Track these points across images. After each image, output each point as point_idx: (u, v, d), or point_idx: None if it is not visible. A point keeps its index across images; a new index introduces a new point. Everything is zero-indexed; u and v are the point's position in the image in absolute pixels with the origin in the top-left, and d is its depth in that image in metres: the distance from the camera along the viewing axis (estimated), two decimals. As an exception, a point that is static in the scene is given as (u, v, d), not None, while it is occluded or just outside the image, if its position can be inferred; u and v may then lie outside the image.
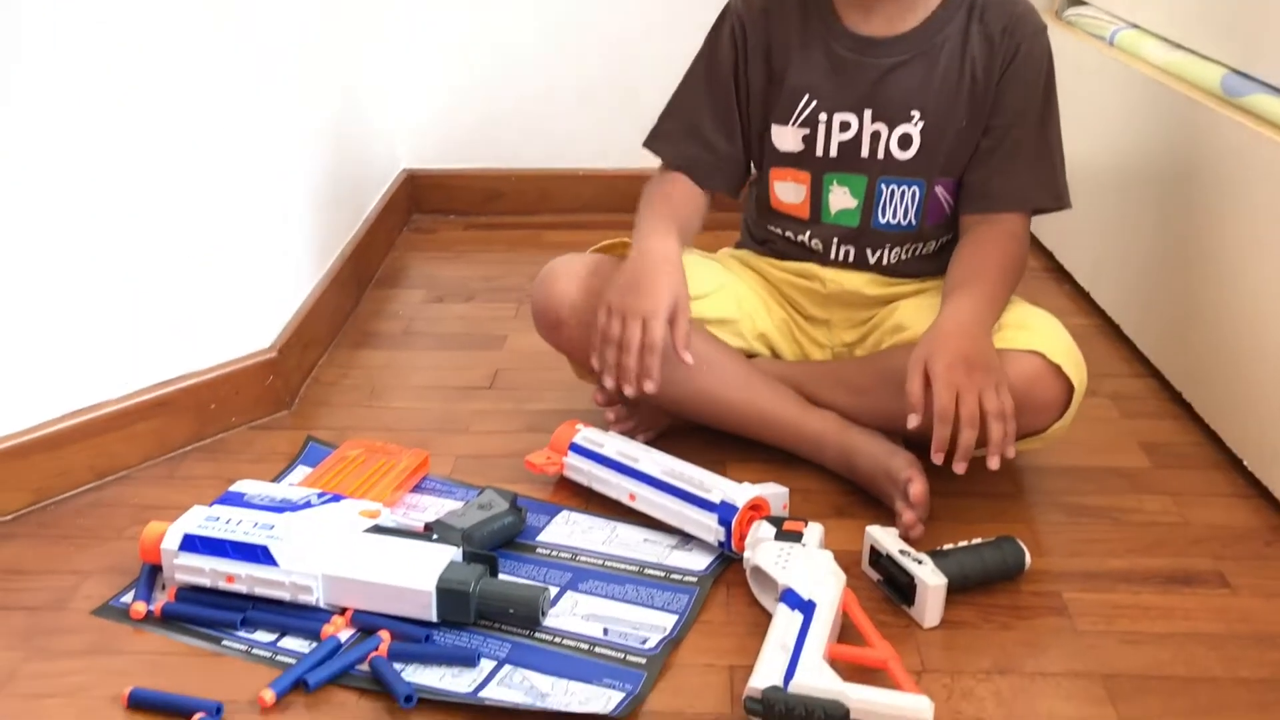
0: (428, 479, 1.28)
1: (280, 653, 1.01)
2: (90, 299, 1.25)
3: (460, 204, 2.16)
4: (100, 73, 1.20)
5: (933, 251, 1.30)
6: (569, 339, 1.28)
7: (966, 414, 1.06)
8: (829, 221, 1.29)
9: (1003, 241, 1.22)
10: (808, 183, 1.28)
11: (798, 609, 0.97)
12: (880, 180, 1.26)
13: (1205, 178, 1.34)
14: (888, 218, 1.27)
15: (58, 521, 1.21)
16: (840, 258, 1.30)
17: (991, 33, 1.21)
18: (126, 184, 1.26)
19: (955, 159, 1.25)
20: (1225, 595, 1.08)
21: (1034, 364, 1.13)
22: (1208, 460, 1.30)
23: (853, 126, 1.24)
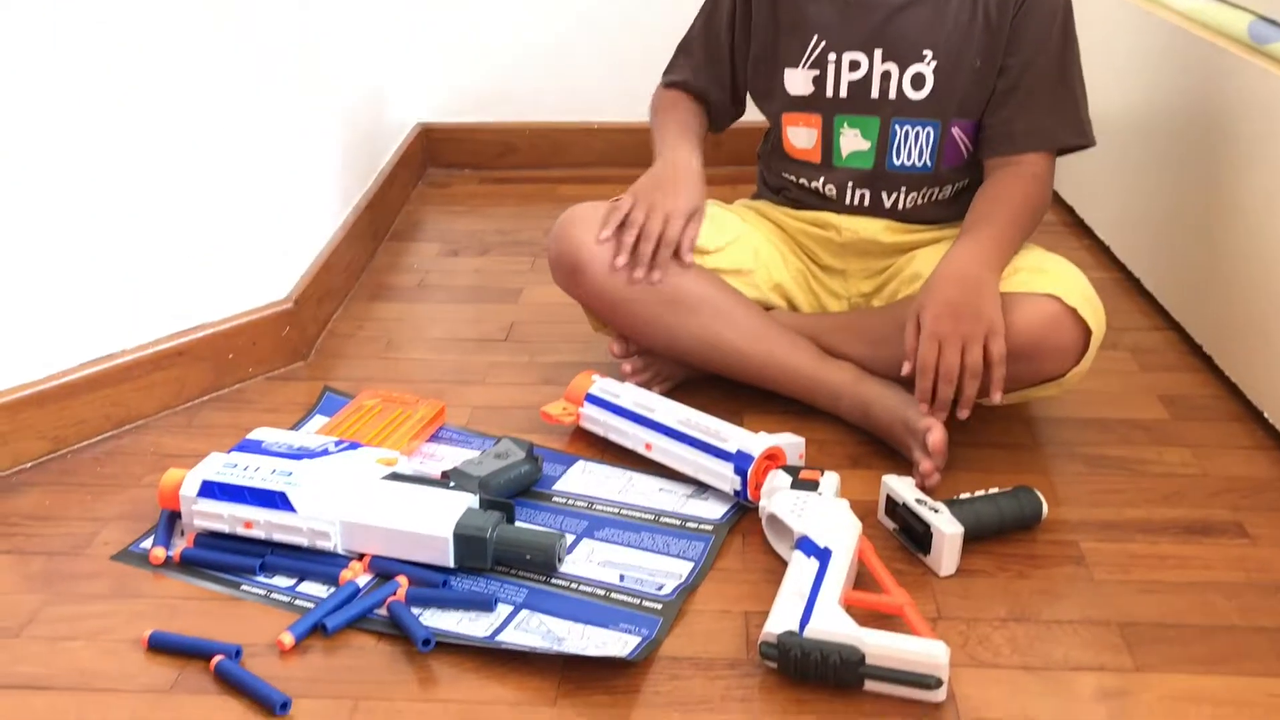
0: (444, 429, 1.28)
1: (299, 597, 1.01)
2: (108, 249, 1.25)
3: (474, 158, 2.15)
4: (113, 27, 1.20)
5: (949, 197, 1.29)
6: (587, 287, 1.27)
7: (945, 368, 1.09)
8: (841, 165, 1.28)
9: (1022, 183, 1.21)
10: (819, 126, 1.28)
11: (813, 556, 0.97)
12: (894, 121, 1.25)
13: (1230, 127, 1.32)
14: (902, 159, 1.26)
15: (76, 469, 1.21)
16: (855, 202, 1.29)
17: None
18: (147, 135, 1.25)
19: (971, 100, 1.23)
20: (1244, 545, 1.07)
21: (1050, 307, 1.12)
22: (1228, 413, 1.30)
23: (862, 66, 1.23)
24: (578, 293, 1.29)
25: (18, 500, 1.16)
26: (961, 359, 1.09)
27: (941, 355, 1.09)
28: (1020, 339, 1.12)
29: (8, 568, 1.06)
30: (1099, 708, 0.88)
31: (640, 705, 0.89)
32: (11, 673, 0.93)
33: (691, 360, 1.29)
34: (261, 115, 1.40)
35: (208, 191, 1.33)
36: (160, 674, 0.93)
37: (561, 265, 1.28)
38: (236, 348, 1.37)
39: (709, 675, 0.92)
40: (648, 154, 1.32)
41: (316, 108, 1.60)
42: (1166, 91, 1.49)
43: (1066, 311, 1.13)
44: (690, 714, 0.88)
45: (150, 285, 1.29)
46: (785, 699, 0.89)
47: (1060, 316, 1.13)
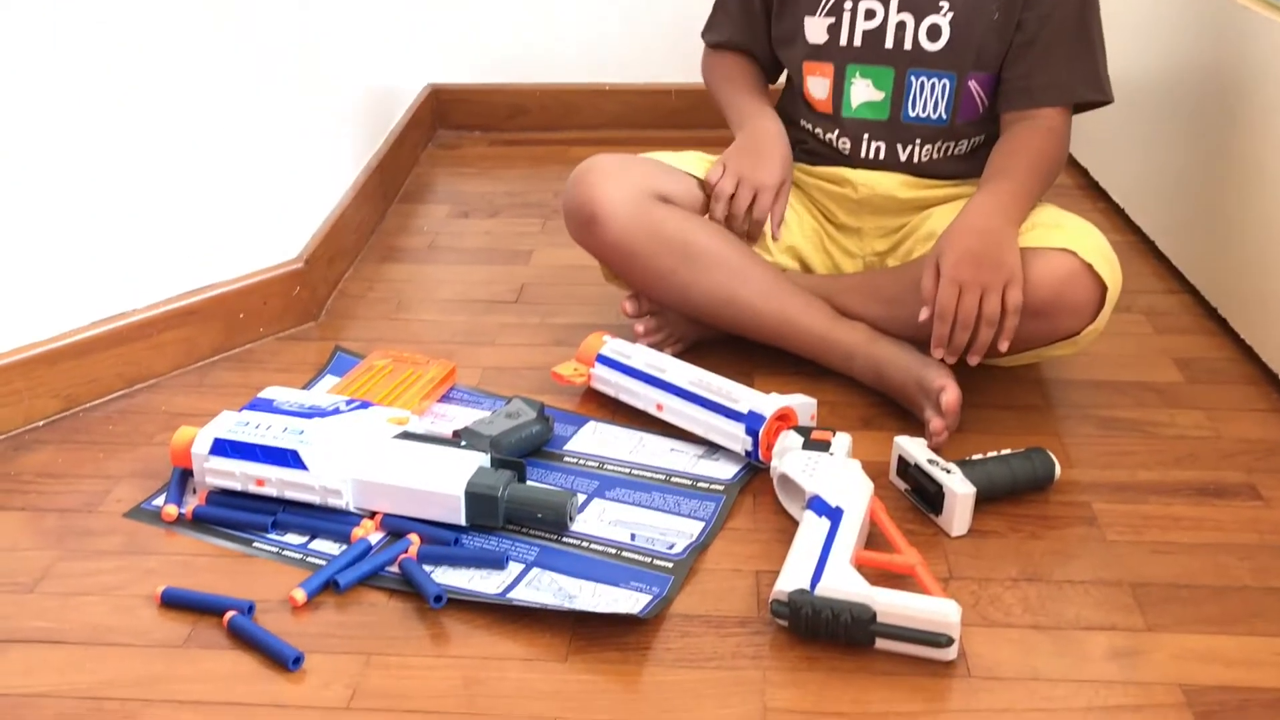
0: (455, 389, 1.28)
1: (311, 555, 1.01)
2: (120, 209, 1.24)
3: (485, 120, 2.14)
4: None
5: (966, 152, 1.28)
6: (601, 238, 1.25)
7: (963, 313, 1.09)
8: (851, 115, 1.28)
9: (1039, 137, 1.20)
10: (830, 75, 1.27)
11: (825, 515, 0.97)
12: (910, 72, 1.24)
13: (1251, 89, 1.31)
14: (917, 111, 1.25)
15: (88, 428, 1.22)
16: (870, 155, 1.28)
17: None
18: (157, 94, 1.25)
19: (989, 52, 1.22)
20: (1257, 507, 1.07)
21: (1067, 262, 1.11)
22: (1242, 375, 1.29)
23: (878, 15, 1.23)
24: (592, 244, 1.28)
25: (31, 458, 1.16)
26: (980, 307, 1.09)
27: (960, 301, 1.09)
28: (1036, 294, 1.11)
29: (21, 525, 1.07)
30: (1110, 666, 0.88)
31: (651, 662, 0.89)
32: (26, 627, 0.94)
33: (704, 317, 1.29)
34: (272, 76, 1.39)
35: (218, 152, 1.33)
36: (173, 629, 0.93)
37: (577, 216, 1.27)
38: (247, 307, 1.37)
39: (720, 633, 0.92)
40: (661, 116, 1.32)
41: (327, 69, 1.59)
42: (1186, 52, 1.47)
43: (1083, 267, 1.12)
44: (701, 671, 0.88)
45: (162, 245, 1.29)
46: (796, 656, 0.90)
47: (1077, 272, 1.12)
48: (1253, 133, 1.30)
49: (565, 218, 1.29)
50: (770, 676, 0.88)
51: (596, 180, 1.25)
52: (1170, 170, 1.52)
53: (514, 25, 2.09)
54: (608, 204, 1.23)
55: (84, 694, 0.87)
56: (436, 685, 0.87)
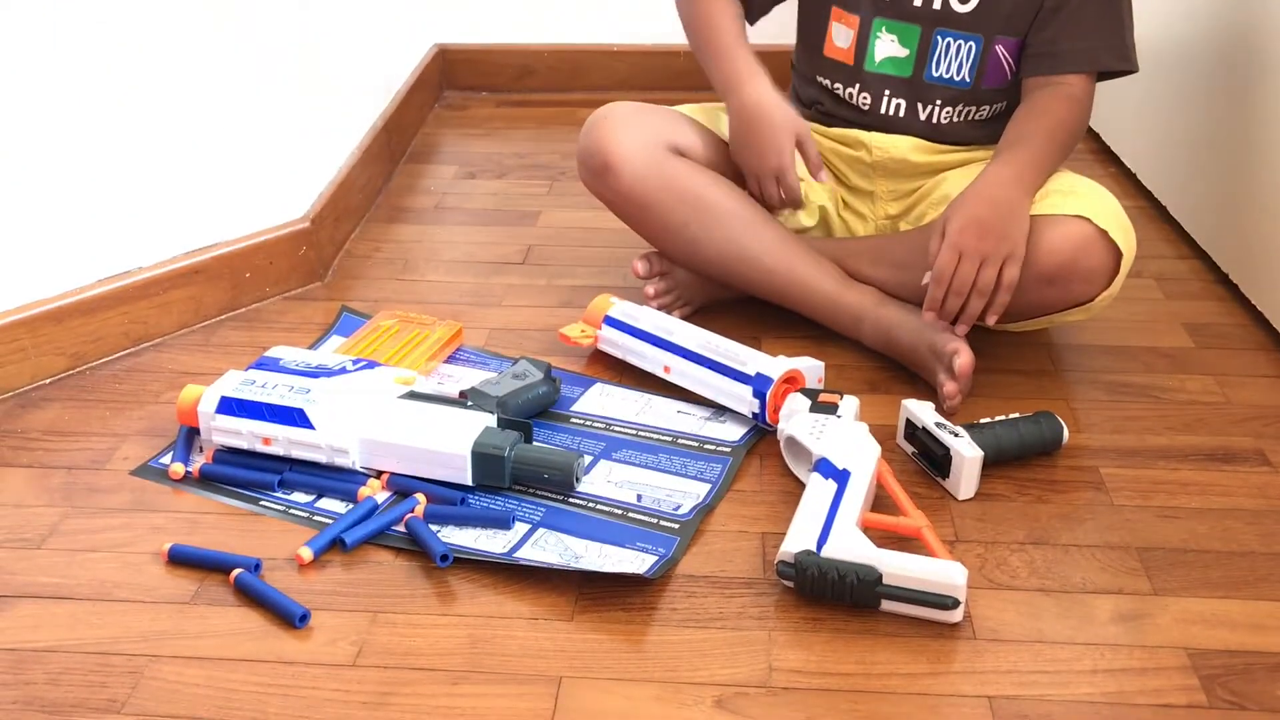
0: (461, 349, 1.28)
1: (317, 513, 1.02)
2: (127, 168, 1.24)
3: (492, 80, 2.12)
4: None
5: (986, 118, 1.26)
6: (614, 187, 1.24)
7: (958, 280, 1.10)
8: (873, 70, 1.25)
9: (1060, 104, 1.18)
10: (855, 26, 1.24)
11: (831, 478, 0.97)
12: (936, 32, 1.21)
13: (1263, 55, 1.29)
14: (940, 71, 1.23)
15: (95, 385, 1.22)
16: (889, 111, 1.26)
17: None
18: (163, 54, 1.24)
19: (1018, 16, 1.20)
20: (1266, 473, 1.06)
21: (1081, 229, 1.11)
22: (1253, 341, 1.28)
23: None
24: (604, 193, 1.26)
25: (38, 415, 1.16)
26: (975, 277, 1.09)
27: (958, 268, 1.09)
28: (1051, 260, 1.10)
29: (28, 481, 1.07)
30: (1115, 629, 0.88)
31: (656, 622, 0.89)
32: (34, 582, 0.94)
33: (714, 273, 1.28)
34: (278, 34, 1.38)
35: (225, 112, 1.32)
36: (180, 586, 0.94)
37: (590, 164, 1.25)
38: (254, 267, 1.36)
39: (725, 593, 0.92)
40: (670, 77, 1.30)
41: (334, 28, 1.57)
42: (1200, 17, 1.45)
43: (1098, 233, 1.11)
44: (706, 631, 0.88)
45: (168, 203, 1.29)
46: (801, 617, 0.90)
47: (1091, 238, 1.11)
48: (1266, 100, 1.28)
49: (579, 164, 1.28)
50: (776, 637, 0.88)
51: (612, 128, 1.23)
52: (1183, 136, 1.50)
53: (522, -16, 2.07)
54: (622, 153, 1.22)
55: (91, 649, 0.87)
56: (442, 643, 0.88)
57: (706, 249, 1.24)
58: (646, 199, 1.23)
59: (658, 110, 1.28)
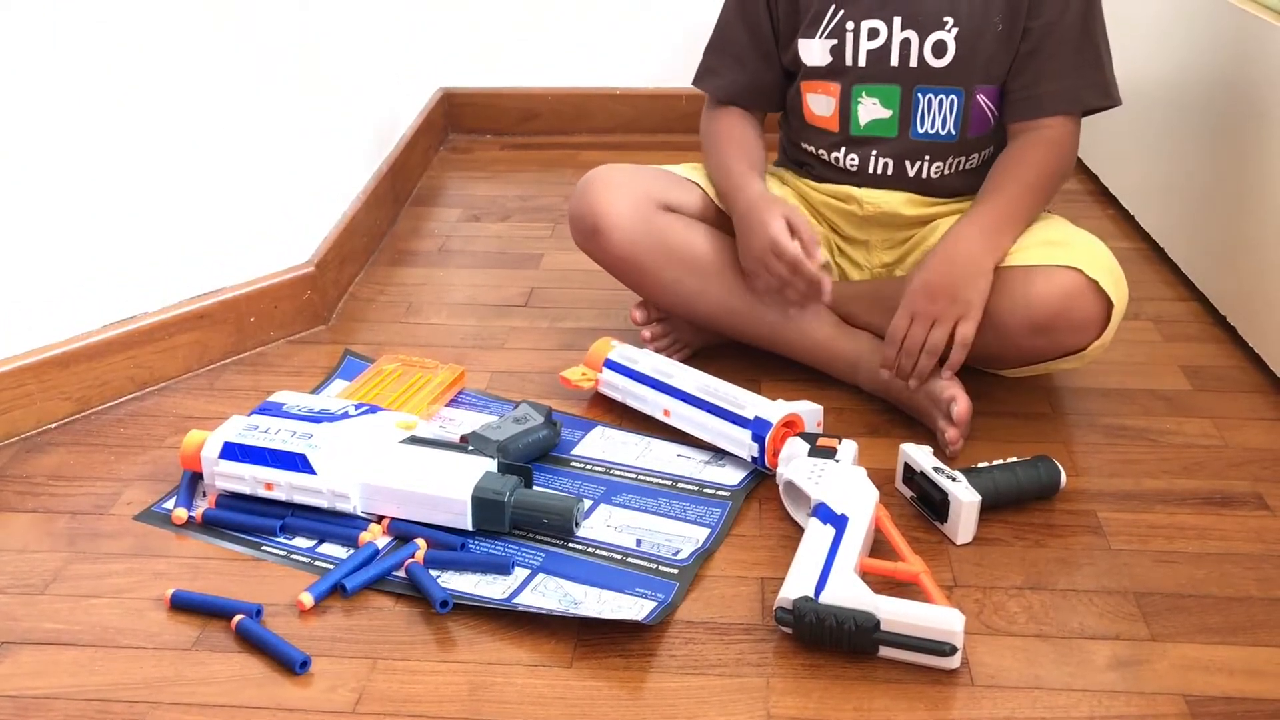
0: (463, 393, 1.29)
1: (319, 559, 1.02)
2: (133, 213, 1.26)
3: (496, 123, 2.15)
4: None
5: (976, 166, 1.27)
6: (606, 249, 1.26)
7: (909, 341, 1.14)
8: (859, 134, 1.27)
9: (1040, 149, 1.20)
10: (836, 95, 1.26)
11: (830, 523, 0.97)
12: (916, 89, 1.23)
13: (1262, 98, 1.30)
14: (926, 128, 1.24)
15: (100, 430, 1.23)
16: (879, 172, 1.28)
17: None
18: (170, 101, 1.26)
19: (995, 64, 1.21)
20: (1264, 517, 1.07)
21: (1071, 280, 1.11)
22: (1250, 384, 1.29)
23: (881, 34, 1.21)
24: (596, 254, 1.28)
25: (43, 460, 1.17)
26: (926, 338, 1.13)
27: (909, 330, 1.14)
28: (1041, 310, 1.11)
29: (33, 526, 1.08)
30: (1112, 676, 0.88)
31: (655, 669, 0.90)
32: (37, 629, 0.95)
33: (710, 325, 1.30)
34: (283, 80, 1.40)
35: (230, 156, 1.34)
36: (182, 632, 0.94)
37: (581, 226, 1.27)
38: (258, 311, 1.37)
39: (724, 640, 0.92)
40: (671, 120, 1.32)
41: (339, 72, 1.60)
42: (1197, 59, 1.47)
43: (1088, 284, 1.12)
44: (704, 677, 0.89)
45: (174, 248, 1.30)
46: (800, 664, 0.90)
47: (1081, 289, 1.12)
48: (1263, 142, 1.30)
49: (570, 227, 1.30)
50: (774, 684, 0.88)
51: (600, 190, 1.25)
52: (1180, 177, 1.52)
53: (525, 29, 2.10)
54: (611, 214, 1.24)
55: (93, 696, 0.88)
56: (442, 690, 0.88)
57: (699, 304, 1.26)
58: (638, 259, 1.25)
59: (647, 170, 1.29)
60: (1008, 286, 1.13)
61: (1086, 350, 1.15)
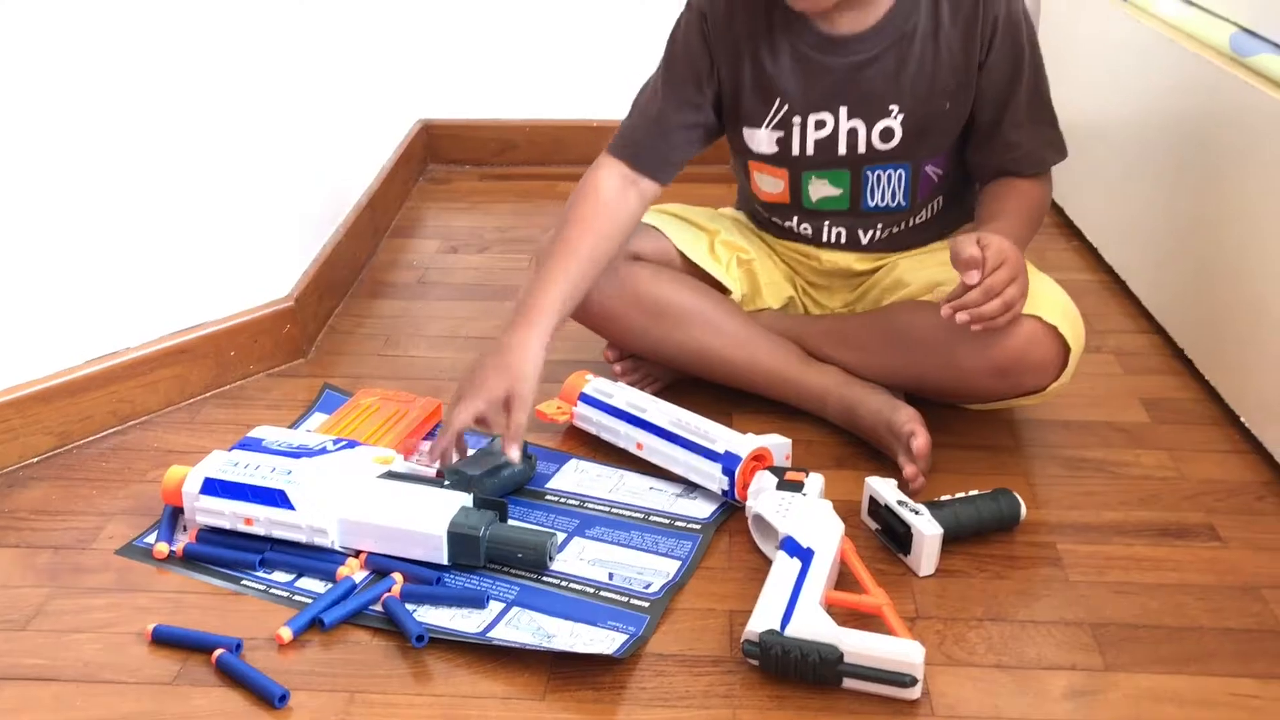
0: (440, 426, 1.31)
1: (297, 593, 1.04)
2: (113, 249, 1.28)
3: (475, 154, 2.18)
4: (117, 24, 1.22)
5: (927, 219, 1.31)
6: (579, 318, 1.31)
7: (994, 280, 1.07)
8: (812, 208, 1.29)
9: (1023, 187, 1.23)
10: (785, 178, 1.28)
11: (796, 556, 1.00)
12: (865, 169, 1.25)
13: (1214, 137, 1.35)
14: (877, 201, 1.27)
15: (81, 464, 1.25)
16: (832, 238, 1.31)
17: (963, 12, 1.17)
18: (147, 136, 1.28)
19: (942, 138, 1.24)
20: (1216, 548, 1.10)
21: (1030, 326, 1.15)
22: (1206, 416, 1.32)
23: (828, 125, 1.22)
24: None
25: (25, 494, 1.19)
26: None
27: (996, 272, 1.07)
28: (1000, 355, 1.15)
29: (15, 561, 1.10)
30: (1067, 705, 0.91)
31: (626, 701, 0.92)
32: (18, 664, 0.96)
33: (679, 369, 1.33)
34: (263, 113, 1.42)
35: (210, 191, 1.36)
36: (163, 666, 0.96)
37: None
38: (238, 345, 1.40)
39: (693, 672, 0.95)
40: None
41: (319, 105, 1.62)
42: (1153, 99, 1.51)
43: (1046, 329, 1.15)
44: (674, 710, 0.91)
45: (154, 284, 1.32)
46: (766, 695, 0.93)
47: (1039, 334, 1.15)
48: (1216, 180, 1.34)
49: None
50: (741, 715, 0.91)
51: None
52: (1142, 212, 1.56)
53: (504, 62, 2.13)
54: None
55: (75, 731, 0.90)
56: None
57: (667, 349, 1.29)
58: (607, 309, 1.28)
59: None
60: (968, 331, 1.12)
61: (1046, 390, 1.19)
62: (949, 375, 1.20)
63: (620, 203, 1.25)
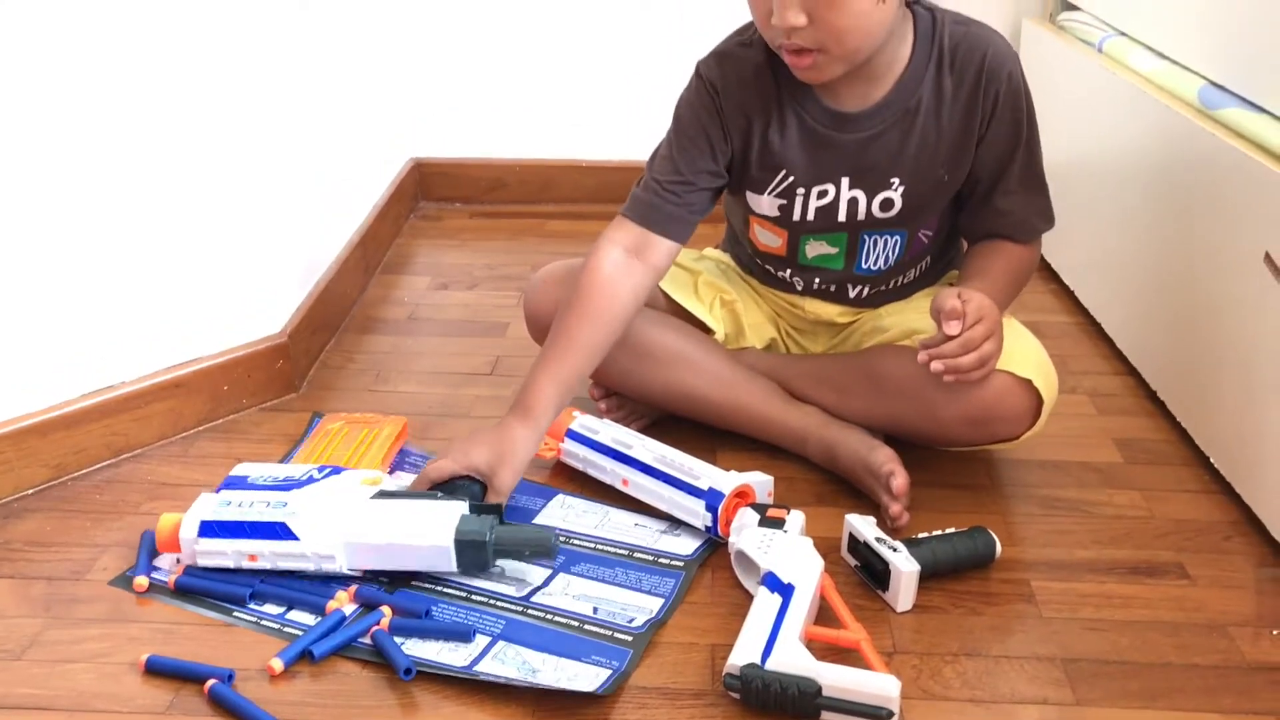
0: (413, 453, 1.34)
1: (288, 625, 1.06)
2: (109, 284, 1.30)
3: (465, 192, 2.21)
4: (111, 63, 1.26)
5: (912, 279, 1.35)
6: None
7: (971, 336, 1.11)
8: (807, 264, 1.33)
9: (1010, 250, 1.26)
10: (785, 237, 1.31)
11: (777, 592, 1.03)
12: (863, 233, 1.28)
13: (1185, 185, 1.39)
14: (869, 263, 1.30)
15: (76, 496, 1.27)
16: (820, 290, 1.35)
17: (966, 84, 1.19)
18: (144, 173, 1.31)
19: (938, 204, 1.27)
20: (1184, 586, 1.13)
21: (1002, 380, 1.18)
22: (1177, 457, 1.36)
23: (830, 194, 1.25)
24: None
25: (20, 526, 1.21)
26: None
27: (974, 328, 1.11)
28: (974, 407, 1.19)
29: (9, 592, 1.11)
30: (1039, 740, 0.94)
31: (609, 732, 0.95)
32: (13, 694, 0.98)
33: (663, 408, 1.36)
34: (260, 151, 1.45)
35: (206, 228, 1.39)
36: (156, 697, 0.98)
37: (535, 323, 1.35)
38: (231, 380, 1.42)
39: (675, 705, 0.97)
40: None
41: (314, 143, 1.65)
42: (1128, 148, 1.56)
43: (1019, 383, 1.19)
44: (656, 741, 0.94)
45: (150, 319, 1.35)
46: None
47: (1012, 388, 1.19)
48: (1186, 228, 1.38)
49: (526, 325, 1.37)
50: (721, 747, 0.93)
51: (551, 289, 1.31)
52: (1117, 256, 1.60)
53: (495, 102, 2.17)
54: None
55: (69, 760, 0.91)
56: (405, 753, 0.92)
57: (651, 390, 1.33)
58: None
59: None
60: (945, 383, 1.16)
61: (1019, 439, 1.23)
62: (925, 421, 1.24)
63: (622, 279, 1.22)
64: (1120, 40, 1.64)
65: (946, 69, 1.20)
